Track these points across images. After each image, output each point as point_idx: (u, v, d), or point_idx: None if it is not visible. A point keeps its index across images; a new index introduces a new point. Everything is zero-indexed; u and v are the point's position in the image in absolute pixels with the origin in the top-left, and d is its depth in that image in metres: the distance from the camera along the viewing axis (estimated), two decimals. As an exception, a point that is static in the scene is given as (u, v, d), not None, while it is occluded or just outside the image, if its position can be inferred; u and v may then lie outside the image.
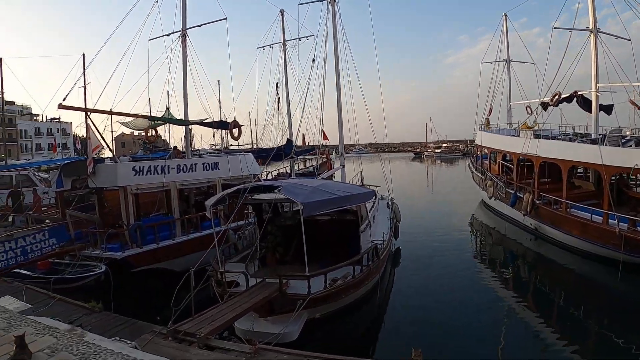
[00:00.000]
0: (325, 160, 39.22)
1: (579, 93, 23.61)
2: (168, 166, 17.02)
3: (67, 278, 13.36)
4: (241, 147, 43.50)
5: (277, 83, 37.74)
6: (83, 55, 35.87)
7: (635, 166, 16.55)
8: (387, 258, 16.36)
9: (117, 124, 21.90)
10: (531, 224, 22.51)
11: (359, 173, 24.67)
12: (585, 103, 23.90)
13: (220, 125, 22.50)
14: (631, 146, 17.86)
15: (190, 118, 20.82)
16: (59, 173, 17.41)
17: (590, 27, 23.04)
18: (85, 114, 16.23)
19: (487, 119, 36.87)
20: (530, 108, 30.82)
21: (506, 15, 37.99)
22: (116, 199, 16.55)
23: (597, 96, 23.23)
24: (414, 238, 23.57)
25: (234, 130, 21.48)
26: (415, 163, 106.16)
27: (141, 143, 42.61)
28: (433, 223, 28.74)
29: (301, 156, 39.85)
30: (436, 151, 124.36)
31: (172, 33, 20.16)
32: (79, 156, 35.57)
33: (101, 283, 13.11)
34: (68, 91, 15.26)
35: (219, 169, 19.14)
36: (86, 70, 28.57)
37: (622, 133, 20.44)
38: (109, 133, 35.88)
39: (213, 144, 61.64)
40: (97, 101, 26.95)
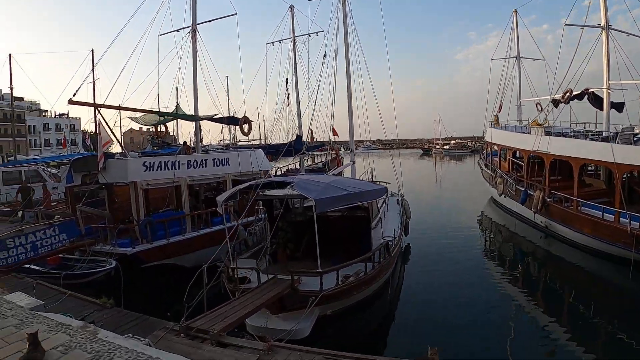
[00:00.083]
0: (334, 156, 39.15)
1: (590, 90, 23.35)
2: (178, 162, 16.97)
3: (78, 273, 13.36)
4: (249, 143, 43.49)
5: (287, 79, 37.66)
6: (92, 51, 35.95)
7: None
8: (398, 255, 16.28)
9: (126, 120, 21.93)
10: (541, 222, 22.36)
11: (369, 169, 24.57)
12: (596, 100, 23.64)
13: (230, 120, 22.45)
14: (643, 144, 17.68)
15: (199, 114, 20.76)
16: (69, 168, 17.42)
17: (602, 24, 22.82)
18: (94, 109, 16.22)
19: (496, 116, 36.64)
20: (540, 105, 30.63)
21: (516, 11, 37.65)
22: (126, 195, 16.55)
23: (609, 93, 23.00)
24: (423, 234, 23.52)
25: (244, 125, 21.44)
26: (423, 159, 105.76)
27: (149, 139, 42.66)
28: (442, 219, 28.67)
29: (312, 152, 39.78)
30: (444, 148, 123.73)
31: (182, 29, 20.10)
32: (88, 152, 35.66)
33: (111, 279, 13.09)
34: (78, 87, 15.28)
35: (229, 165, 19.07)
36: (95, 66, 28.48)
37: (634, 131, 20.22)
38: (118, 129, 36.05)
39: (221, 140, 61.63)
40: (107, 97, 26.89)
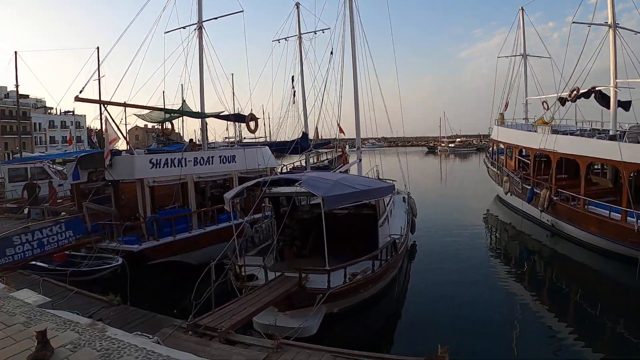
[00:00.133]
0: (340, 153, 39.09)
1: (597, 88, 23.24)
2: (185, 159, 16.96)
3: (84, 270, 13.38)
4: (254, 141, 43.45)
5: (293, 76, 37.60)
6: (97, 48, 36.03)
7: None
8: (404, 253, 16.23)
9: (133, 117, 21.92)
10: (548, 220, 22.29)
11: (375, 167, 24.51)
12: (603, 99, 23.51)
13: (237, 118, 22.41)
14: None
15: (205, 111, 20.74)
16: (76, 165, 17.42)
17: (609, 22, 22.70)
18: (100, 106, 16.23)
19: (501, 114, 36.51)
20: (546, 103, 30.43)
21: (523, 9, 37.52)
22: (132, 192, 16.56)
23: (616, 92, 22.88)
24: (429, 232, 23.46)
25: (251, 123, 21.41)
26: (429, 157, 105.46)
27: (154, 136, 42.66)
28: (447, 217, 28.61)
29: (319, 149, 39.76)
30: (450, 146, 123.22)
31: (189, 26, 20.11)
32: (92, 149, 35.69)
33: (117, 276, 13.09)
34: (84, 84, 15.28)
35: (236, 162, 19.08)
36: (101, 64, 28.56)
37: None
38: (123, 126, 36.06)
39: (226, 137, 61.53)
40: (113, 94, 26.84)
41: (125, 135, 19.47)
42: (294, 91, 37.95)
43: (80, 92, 14.87)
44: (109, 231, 15.45)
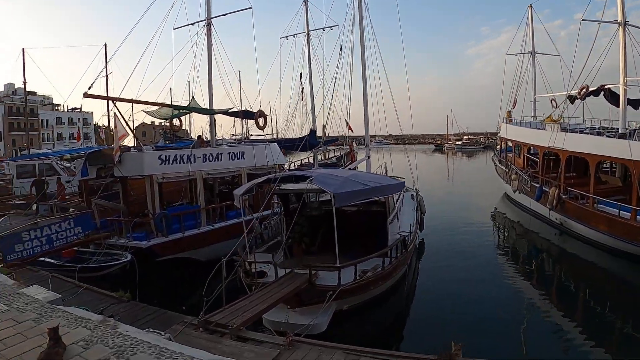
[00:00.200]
0: (349, 150, 39.03)
1: (607, 86, 23.07)
2: (194, 155, 16.98)
3: (93, 266, 13.41)
4: (262, 138, 43.40)
5: (301, 73, 37.48)
6: (105, 45, 36.07)
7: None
8: (414, 250, 16.18)
9: (141, 114, 21.89)
10: (556, 219, 22.14)
11: (383, 164, 24.42)
12: (612, 97, 23.31)
13: (246, 114, 22.38)
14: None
15: (214, 108, 20.71)
16: (84, 161, 17.44)
17: (618, 20, 22.52)
18: (107, 103, 16.33)
19: (509, 112, 36.34)
20: (555, 101, 30.28)
21: (531, 6, 37.27)
22: (141, 188, 16.57)
23: (625, 90, 22.70)
24: (436, 230, 23.31)
25: (260, 119, 21.36)
26: (435, 155, 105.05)
27: (161, 133, 42.67)
28: (455, 215, 28.45)
29: (328, 146, 39.69)
30: (457, 143, 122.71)
31: (197, 22, 20.06)
32: (100, 145, 35.68)
33: (126, 272, 13.09)
34: (93, 80, 15.33)
35: (245, 159, 19.07)
36: (109, 60, 28.56)
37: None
38: (131, 123, 36.05)
39: (233, 134, 61.62)
40: (122, 91, 26.89)
41: (133, 132, 19.43)
42: (302, 88, 37.82)
43: (89, 88, 14.94)
44: (118, 227, 15.45)
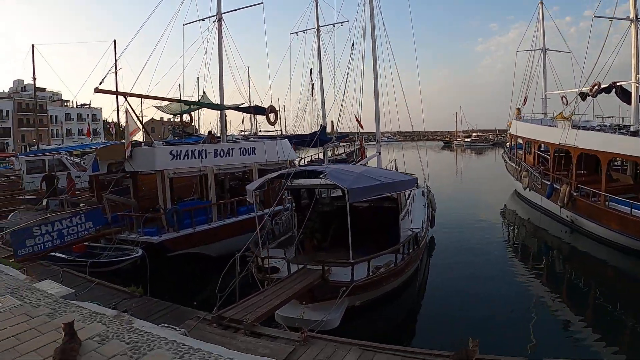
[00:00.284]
0: (359, 146, 38.95)
1: (619, 84, 22.87)
2: (205, 150, 16.96)
3: (104, 262, 13.39)
4: (270, 134, 43.35)
5: (311, 69, 37.32)
6: (114, 41, 36.05)
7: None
8: (425, 247, 16.10)
9: (150, 110, 21.90)
10: (567, 216, 21.95)
11: (394, 160, 24.32)
12: (624, 94, 23.14)
13: (257, 110, 22.32)
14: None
15: (224, 103, 20.65)
16: (95, 157, 17.42)
17: (630, 17, 22.29)
18: (117, 99, 16.30)
19: (518, 109, 36.13)
20: (565, 98, 30.08)
21: (542, 3, 37.03)
22: (152, 183, 16.56)
23: (637, 87, 22.45)
24: (446, 227, 23.21)
25: (271, 115, 21.28)
26: (444, 152, 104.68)
27: (170, 128, 42.72)
28: (464, 212, 28.38)
29: (339, 142, 39.58)
30: (466, 140, 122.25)
31: (208, 17, 19.98)
32: (108, 141, 35.78)
33: (137, 267, 13.06)
34: (104, 76, 15.37)
35: (256, 154, 19.03)
36: (119, 57, 28.55)
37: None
38: (142, 118, 36.11)
39: (242, 130, 61.63)
40: (132, 87, 26.90)
41: (144, 127, 19.39)
42: (312, 84, 37.64)
43: (100, 84, 14.97)
44: (129, 222, 15.45)
